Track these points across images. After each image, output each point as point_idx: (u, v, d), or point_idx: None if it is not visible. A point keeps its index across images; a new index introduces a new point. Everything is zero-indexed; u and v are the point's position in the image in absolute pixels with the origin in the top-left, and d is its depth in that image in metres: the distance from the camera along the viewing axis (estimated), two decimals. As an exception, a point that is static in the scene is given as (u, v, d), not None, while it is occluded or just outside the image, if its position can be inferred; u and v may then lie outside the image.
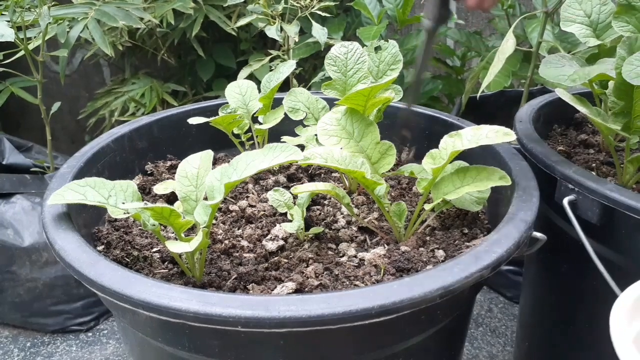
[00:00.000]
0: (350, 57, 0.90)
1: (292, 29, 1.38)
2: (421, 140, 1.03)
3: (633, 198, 0.74)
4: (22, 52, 1.40)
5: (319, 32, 1.38)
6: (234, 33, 1.70)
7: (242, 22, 1.44)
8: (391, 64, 0.91)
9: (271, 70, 1.04)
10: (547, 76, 0.87)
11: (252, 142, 1.04)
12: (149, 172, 1.01)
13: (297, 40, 1.46)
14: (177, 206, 0.72)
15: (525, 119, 1.00)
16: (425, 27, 0.82)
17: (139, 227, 0.83)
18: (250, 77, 1.47)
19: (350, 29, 1.87)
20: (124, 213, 0.68)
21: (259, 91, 1.01)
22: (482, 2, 0.77)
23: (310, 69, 1.94)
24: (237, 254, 0.78)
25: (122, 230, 0.82)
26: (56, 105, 1.47)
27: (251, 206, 0.90)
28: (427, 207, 0.78)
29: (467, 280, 0.58)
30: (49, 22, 1.33)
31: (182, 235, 0.71)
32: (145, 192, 0.96)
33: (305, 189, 0.77)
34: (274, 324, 0.53)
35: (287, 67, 0.99)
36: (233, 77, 1.36)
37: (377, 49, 0.92)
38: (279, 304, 0.54)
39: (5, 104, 1.70)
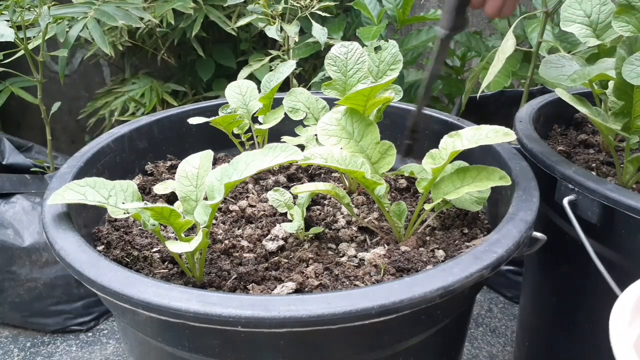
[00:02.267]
0: (350, 57, 0.90)
1: (292, 29, 1.38)
2: (421, 140, 1.03)
3: (633, 198, 0.74)
4: (22, 52, 1.40)
5: (319, 32, 1.38)
6: (234, 33, 1.70)
7: (242, 22, 1.44)
8: (391, 64, 0.91)
9: (271, 70, 1.04)
10: (547, 76, 0.87)
11: (252, 142, 1.04)
12: (149, 172, 1.01)
13: (297, 40, 1.46)
14: (177, 206, 0.72)
15: (525, 119, 1.00)
16: (439, 35, 0.78)
17: (139, 227, 0.83)
18: (250, 77, 1.47)
19: (350, 29, 1.87)
20: (124, 213, 0.68)
21: (259, 91, 1.01)
22: (501, 10, 0.76)
23: (310, 69, 1.94)
24: (237, 254, 0.78)
25: (122, 230, 0.82)
26: (56, 105, 1.47)
27: (251, 206, 0.90)
28: (427, 207, 0.78)
29: (467, 280, 0.58)
30: (49, 22, 1.33)
31: (182, 235, 0.71)
32: (145, 192, 0.96)
33: (305, 189, 0.77)
34: (274, 324, 0.53)
35: (287, 67, 0.99)
36: (233, 77, 1.36)
37: (377, 49, 0.92)
38: (279, 304, 0.54)
39: (5, 103, 1.70)
